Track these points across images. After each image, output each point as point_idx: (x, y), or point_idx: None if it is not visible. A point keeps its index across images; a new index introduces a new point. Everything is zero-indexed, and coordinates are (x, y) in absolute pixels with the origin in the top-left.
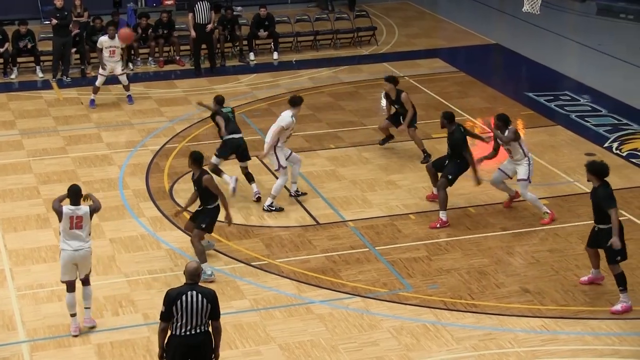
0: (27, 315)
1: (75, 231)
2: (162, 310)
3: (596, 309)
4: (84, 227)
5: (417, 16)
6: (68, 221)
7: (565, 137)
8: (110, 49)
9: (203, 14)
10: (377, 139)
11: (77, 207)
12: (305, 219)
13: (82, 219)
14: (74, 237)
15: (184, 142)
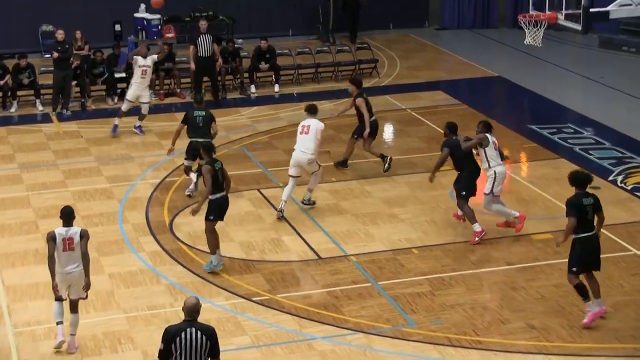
0: (24, 353)
1: (68, 253)
2: (161, 348)
3: (603, 346)
4: (76, 249)
5: (419, 48)
6: (61, 243)
7: (569, 170)
8: (143, 69)
9: (205, 47)
10: (379, 172)
11: (68, 228)
12: (307, 253)
13: (73, 241)
14: (66, 259)
15: (184, 176)
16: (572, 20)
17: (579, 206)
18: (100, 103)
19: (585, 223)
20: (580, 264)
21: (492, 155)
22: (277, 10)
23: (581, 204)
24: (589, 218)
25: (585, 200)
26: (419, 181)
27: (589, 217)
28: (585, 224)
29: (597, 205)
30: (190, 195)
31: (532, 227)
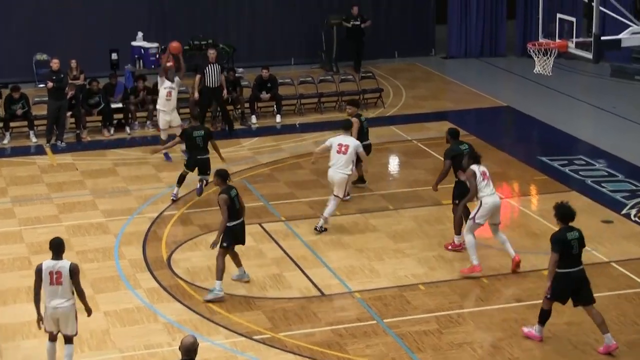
0: None
1: (55, 287)
2: None
3: None
4: (64, 283)
5: (425, 77)
6: (47, 277)
7: (581, 204)
8: (167, 90)
9: (213, 77)
10: (384, 205)
11: (56, 261)
12: (310, 290)
13: (61, 275)
14: (53, 294)
15: (183, 209)
16: (582, 49)
17: (563, 241)
18: (95, 134)
19: (570, 258)
20: (557, 295)
21: (480, 186)
22: (279, 38)
23: (566, 238)
24: (574, 253)
25: (570, 234)
26: (426, 215)
27: (574, 251)
28: (570, 258)
29: (582, 239)
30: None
31: (542, 262)
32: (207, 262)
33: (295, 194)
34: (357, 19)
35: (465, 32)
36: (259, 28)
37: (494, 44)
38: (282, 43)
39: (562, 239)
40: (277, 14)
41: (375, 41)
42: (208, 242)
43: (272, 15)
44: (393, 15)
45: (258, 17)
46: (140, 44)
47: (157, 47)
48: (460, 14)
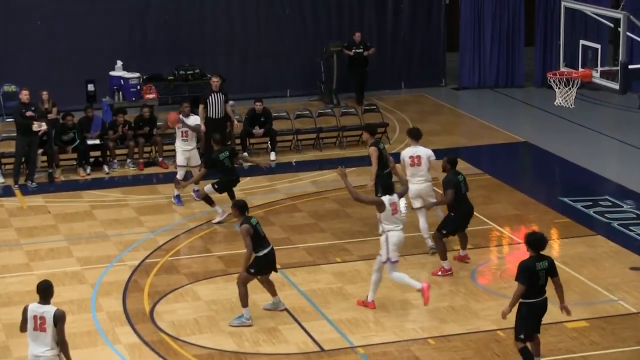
0: None
1: (38, 333)
2: None
3: None
4: (47, 331)
5: (435, 110)
6: (31, 320)
7: (607, 249)
8: (183, 130)
9: (217, 107)
10: None
11: (43, 306)
12: (308, 345)
13: (45, 321)
14: (36, 340)
15: (167, 257)
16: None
17: (531, 271)
18: (70, 174)
19: (535, 287)
20: (528, 330)
21: (387, 218)
22: (273, 67)
23: (534, 268)
24: (541, 283)
25: (539, 264)
26: (436, 262)
27: (540, 282)
28: (535, 288)
29: (552, 269)
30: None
31: None
32: (194, 314)
33: (292, 239)
34: (359, 46)
35: (479, 61)
36: (252, 56)
37: (510, 73)
38: (276, 73)
39: (530, 268)
40: (271, 41)
41: (380, 70)
42: (195, 293)
43: (265, 42)
44: (399, 42)
45: (250, 44)
46: (120, 74)
47: (138, 77)
48: (473, 40)
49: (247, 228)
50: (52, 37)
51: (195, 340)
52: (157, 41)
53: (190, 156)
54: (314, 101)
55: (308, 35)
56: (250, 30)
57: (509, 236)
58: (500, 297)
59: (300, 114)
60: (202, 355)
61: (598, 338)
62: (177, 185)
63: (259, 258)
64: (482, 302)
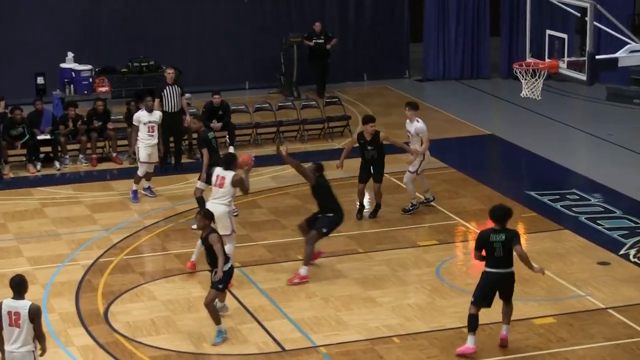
0: None
1: (12, 329)
2: None
3: None
4: (22, 327)
5: (398, 103)
6: (6, 316)
7: (575, 244)
8: (150, 125)
9: (172, 101)
10: (352, 248)
11: (17, 301)
12: (268, 345)
13: (20, 316)
14: (9, 336)
15: (121, 255)
16: (575, 69)
17: (484, 241)
18: (19, 170)
19: (492, 258)
20: (481, 297)
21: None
22: (232, 59)
23: (487, 239)
24: (497, 255)
25: (494, 236)
26: (400, 258)
27: (496, 254)
28: (491, 259)
29: (510, 242)
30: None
31: (532, 310)
32: (150, 314)
33: (252, 236)
34: (320, 37)
35: (444, 52)
36: (209, 47)
37: (475, 64)
38: (235, 65)
39: (483, 238)
40: (230, 32)
41: (342, 62)
42: (151, 292)
43: (223, 33)
44: (362, 33)
45: (208, 35)
46: (71, 66)
47: (90, 69)
48: (437, 31)
49: (218, 236)
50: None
51: (152, 341)
52: (111, 32)
53: (152, 152)
54: (273, 94)
55: (267, 26)
56: (208, 21)
57: (474, 231)
58: (466, 294)
59: (260, 107)
60: (159, 357)
61: (566, 334)
62: (135, 179)
63: (225, 273)
64: (447, 299)
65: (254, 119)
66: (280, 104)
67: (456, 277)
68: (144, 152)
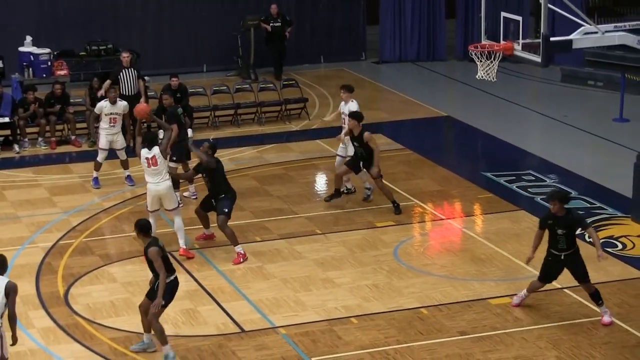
0: None
1: None
2: None
3: None
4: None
5: (355, 85)
6: None
7: (531, 224)
8: (111, 117)
9: (129, 83)
10: (311, 229)
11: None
12: (228, 326)
13: None
14: None
15: (81, 238)
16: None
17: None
18: None
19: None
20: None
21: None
22: (188, 42)
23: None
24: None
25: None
26: (358, 239)
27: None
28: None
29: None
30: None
31: (488, 290)
32: (110, 296)
33: (210, 218)
34: (277, 20)
35: (400, 34)
36: (166, 31)
37: (431, 46)
38: (192, 47)
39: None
40: (187, 14)
41: (299, 45)
42: (111, 274)
43: (180, 16)
44: (318, 15)
45: (165, 17)
46: (30, 50)
47: (48, 53)
48: (393, 13)
49: (157, 250)
50: None
51: (112, 323)
52: (68, 16)
53: (113, 140)
54: (231, 76)
55: (225, 9)
56: (165, 3)
57: (431, 212)
58: (423, 274)
59: (218, 89)
60: (119, 338)
61: (522, 314)
62: (96, 166)
63: (169, 285)
64: (405, 280)
65: (211, 102)
66: (238, 87)
67: (413, 258)
68: (104, 139)
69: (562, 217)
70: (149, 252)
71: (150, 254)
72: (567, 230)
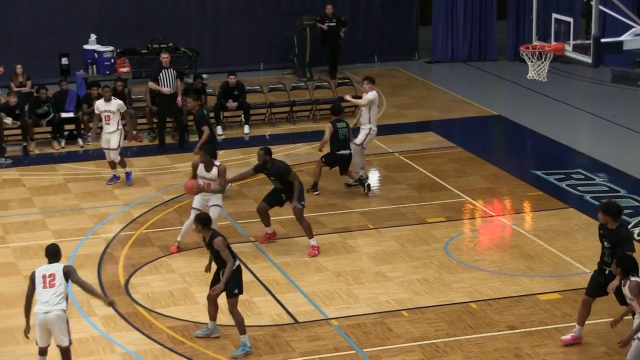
0: None
1: (48, 290)
2: None
3: None
4: (56, 285)
5: (407, 84)
6: (40, 280)
7: (579, 222)
8: (105, 114)
9: (168, 83)
10: (363, 224)
11: (51, 265)
12: (282, 317)
13: (55, 276)
14: (46, 297)
15: (141, 229)
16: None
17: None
18: (44, 147)
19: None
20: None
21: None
22: (246, 41)
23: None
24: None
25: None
26: (409, 234)
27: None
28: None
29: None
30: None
31: (537, 286)
32: (169, 287)
33: None
34: (332, 20)
35: (452, 34)
36: (224, 30)
37: (483, 47)
38: (250, 46)
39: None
40: (245, 14)
41: (353, 44)
42: (169, 265)
43: (238, 16)
44: (372, 16)
45: (223, 18)
46: (94, 48)
47: (111, 50)
48: (446, 14)
49: (222, 240)
50: (26, 10)
51: (170, 312)
52: (130, 15)
53: (110, 138)
54: (287, 74)
55: (281, 9)
56: (223, 3)
57: (481, 209)
58: (473, 270)
59: (274, 87)
60: (177, 327)
61: (570, 310)
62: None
63: (235, 272)
64: (455, 275)
65: (268, 99)
66: (294, 85)
67: (463, 253)
68: (102, 138)
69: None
70: (215, 242)
71: (217, 245)
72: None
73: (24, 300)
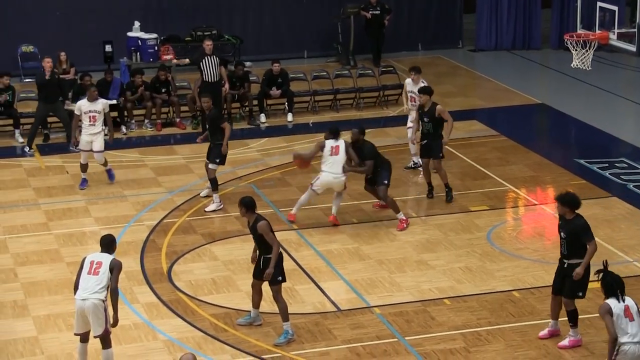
0: None
1: (91, 277)
2: None
3: None
4: (100, 275)
5: (451, 72)
6: (87, 265)
7: (622, 210)
8: (91, 115)
9: (212, 70)
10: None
11: (102, 254)
12: (325, 305)
13: (101, 265)
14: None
15: (184, 217)
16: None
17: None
18: None
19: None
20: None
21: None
22: (290, 29)
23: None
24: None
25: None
26: (452, 223)
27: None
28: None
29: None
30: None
31: None
32: (211, 274)
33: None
34: (376, 8)
35: (496, 22)
36: (268, 17)
37: (527, 35)
38: (293, 34)
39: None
40: (288, 2)
41: (397, 32)
42: (212, 253)
43: (281, 3)
44: (416, 4)
45: (267, 5)
46: (137, 35)
47: (155, 38)
48: (490, 2)
49: (266, 224)
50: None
51: (213, 299)
52: (174, 2)
53: (94, 140)
54: (331, 62)
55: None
56: None
57: (524, 197)
58: (515, 258)
59: (318, 75)
60: (220, 315)
61: None
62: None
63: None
64: (497, 263)
65: (311, 87)
66: (338, 73)
67: (506, 241)
68: (84, 139)
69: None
70: (259, 226)
71: (261, 228)
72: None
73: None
